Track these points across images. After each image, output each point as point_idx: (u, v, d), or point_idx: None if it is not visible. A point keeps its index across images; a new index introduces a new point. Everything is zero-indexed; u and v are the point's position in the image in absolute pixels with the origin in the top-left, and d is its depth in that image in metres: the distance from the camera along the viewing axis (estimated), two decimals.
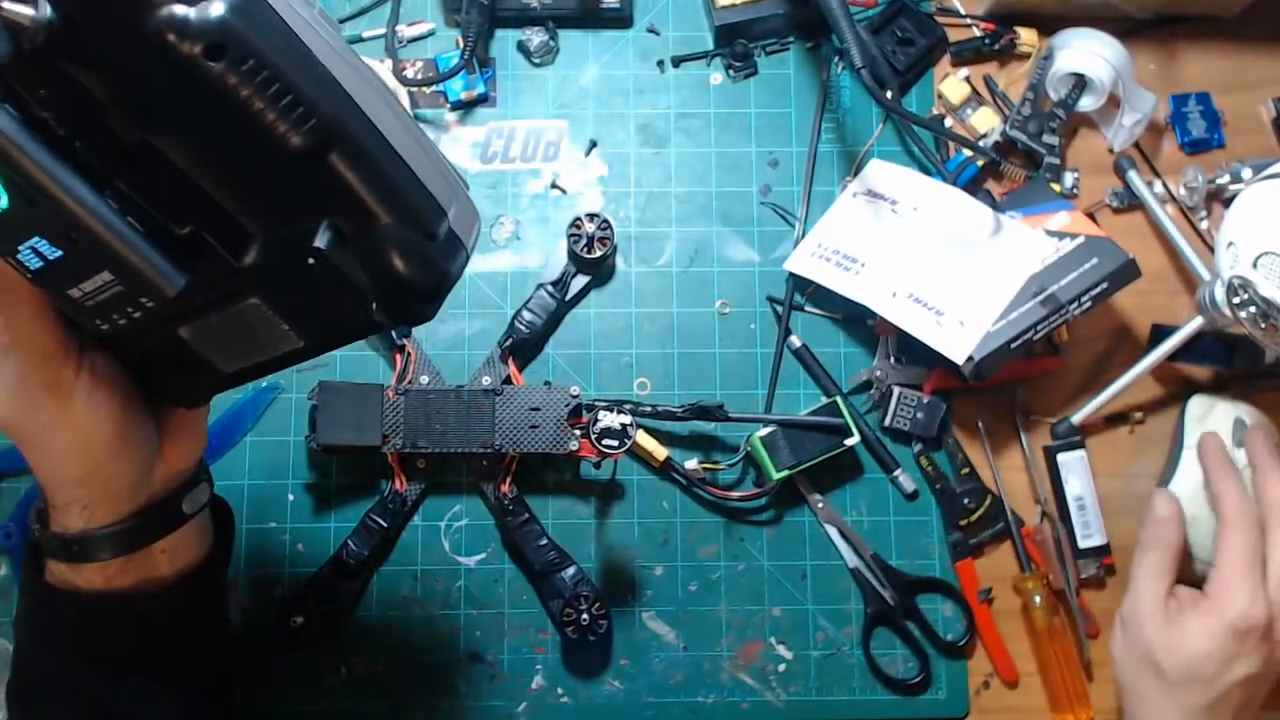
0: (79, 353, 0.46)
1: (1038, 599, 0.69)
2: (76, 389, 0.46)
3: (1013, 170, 0.75)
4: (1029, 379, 0.73)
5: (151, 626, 0.51)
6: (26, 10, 0.36)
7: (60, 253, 0.40)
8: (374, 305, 0.43)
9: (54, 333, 0.45)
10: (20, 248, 0.40)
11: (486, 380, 0.69)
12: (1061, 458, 0.71)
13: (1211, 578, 0.61)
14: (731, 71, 0.76)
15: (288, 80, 0.37)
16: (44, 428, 0.46)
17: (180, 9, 0.36)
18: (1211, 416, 0.69)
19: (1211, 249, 0.73)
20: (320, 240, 0.40)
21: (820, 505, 0.71)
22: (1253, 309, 0.61)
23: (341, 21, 0.75)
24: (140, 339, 0.46)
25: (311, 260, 0.40)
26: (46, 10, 0.37)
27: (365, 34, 0.75)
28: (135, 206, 0.40)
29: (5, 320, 0.45)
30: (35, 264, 0.40)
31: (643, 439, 0.70)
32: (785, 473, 0.68)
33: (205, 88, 0.37)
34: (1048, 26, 0.75)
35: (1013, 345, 0.67)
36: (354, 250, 0.41)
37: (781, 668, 0.70)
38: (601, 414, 0.64)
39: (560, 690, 0.69)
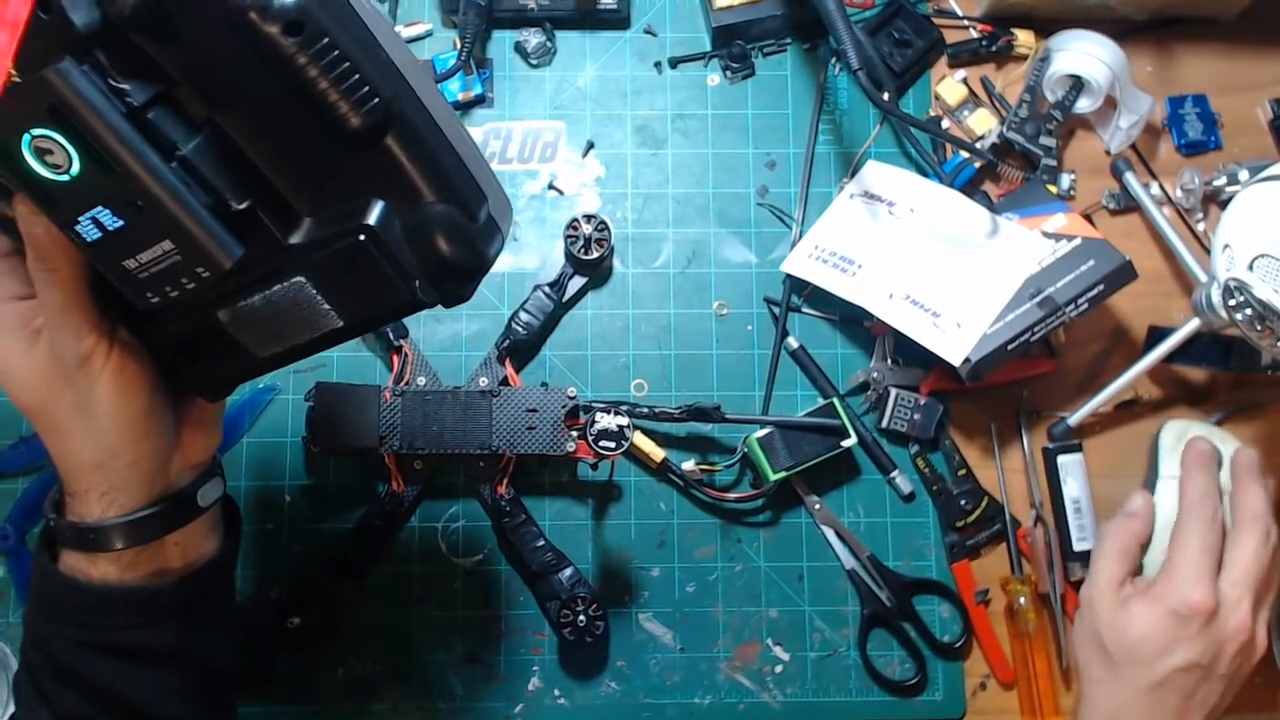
0: (110, 335, 0.47)
1: (1022, 600, 0.70)
2: (106, 371, 0.47)
3: (1010, 172, 0.75)
4: (1026, 381, 0.73)
5: (163, 619, 0.51)
6: None
7: (122, 222, 0.41)
8: (417, 283, 0.44)
9: (90, 313, 0.46)
10: (81, 218, 0.41)
11: (484, 382, 0.69)
12: (1061, 459, 0.71)
13: (1163, 565, 0.62)
14: (729, 73, 0.76)
15: (355, 62, 0.40)
16: (70, 410, 0.47)
17: None
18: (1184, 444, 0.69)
19: (1208, 251, 0.73)
20: (371, 217, 0.42)
21: (817, 507, 0.71)
22: (1249, 311, 0.61)
23: None
24: (178, 322, 0.47)
25: (362, 237, 0.42)
26: None
27: None
28: (197, 178, 0.42)
29: (44, 297, 0.46)
30: (94, 235, 0.41)
31: (640, 440, 0.70)
32: (782, 474, 0.68)
33: (277, 65, 0.39)
34: (1045, 28, 0.75)
35: (1009, 347, 0.67)
36: (401, 229, 0.43)
37: (778, 669, 0.70)
38: (599, 415, 0.64)
39: (557, 691, 0.69)
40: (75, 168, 0.40)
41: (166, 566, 0.51)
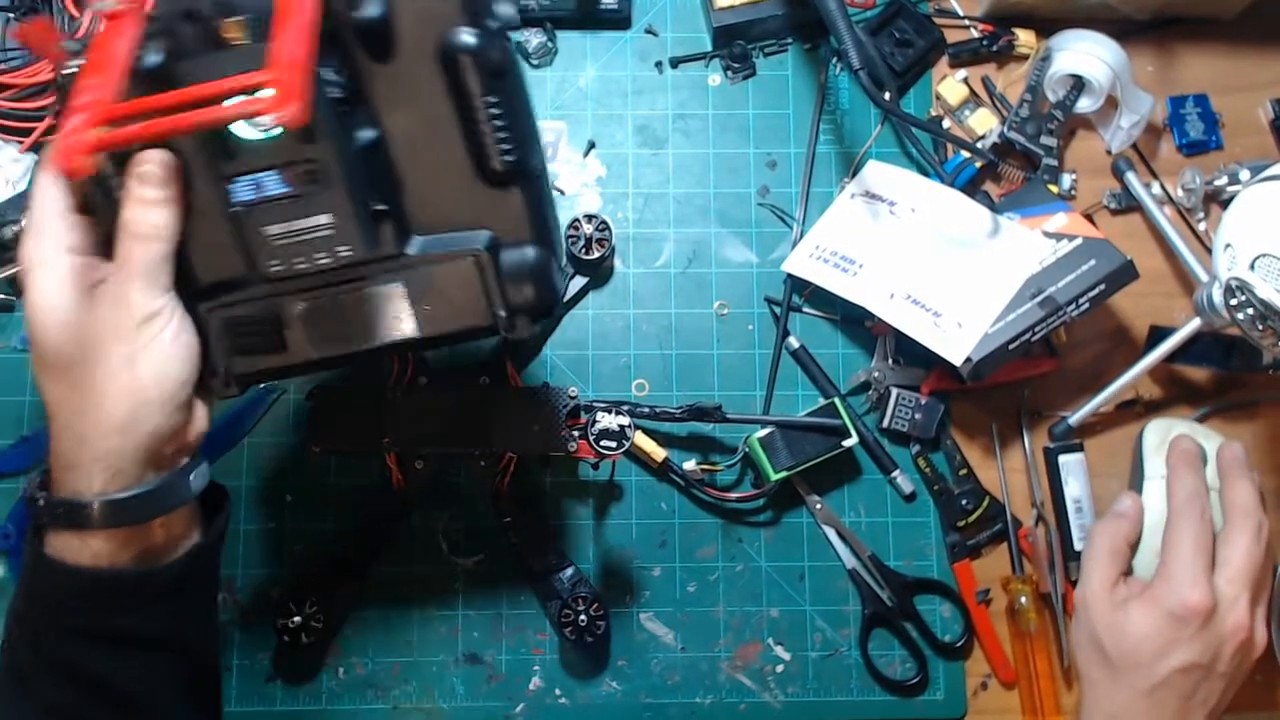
0: (176, 300, 0.49)
1: (1023, 600, 0.70)
2: (165, 333, 0.49)
3: (1011, 172, 0.75)
4: (1027, 381, 0.73)
5: (155, 602, 0.51)
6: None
7: (289, 189, 0.46)
8: (502, 312, 0.50)
9: (170, 275, 0.49)
10: (242, 178, 0.46)
11: (485, 381, 0.69)
12: (1062, 459, 0.71)
13: (1158, 566, 0.62)
14: (730, 73, 0.76)
15: (516, 118, 0.48)
16: (114, 366, 0.48)
17: (473, 37, 0.46)
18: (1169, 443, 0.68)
19: (1209, 250, 0.73)
20: (483, 243, 0.49)
21: (818, 506, 0.71)
22: (1250, 311, 0.61)
23: None
24: (239, 306, 0.50)
25: (472, 258, 0.49)
26: (377, 9, 0.46)
27: None
28: (363, 171, 0.47)
29: (137, 251, 0.48)
30: (246, 195, 0.46)
31: (641, 440, 0.70)
32: (783, 474, 0.68)
33: (463, 100, 0.47)
34: (1046, 28, 0.75)
35: (1011, 347, 0.67)
36: (502, 261, 0.49)
37: (779, 669, 0.70)
38: (600, 415, 0.64)
39: (558, 691, 0.69)
40: (276, 130, 0.44)
41: (152, 546, 0.51)
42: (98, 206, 0.49)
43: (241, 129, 0.44)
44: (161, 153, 0.47)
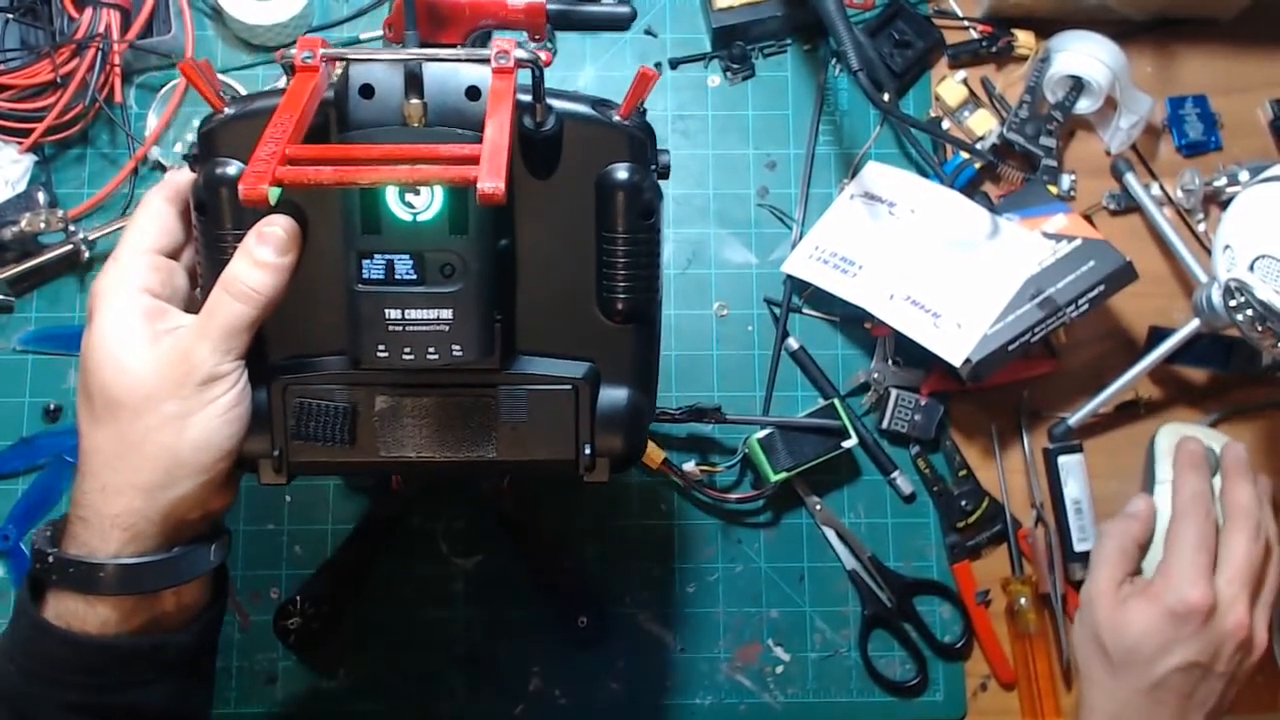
0: (242, 371, 0.46)
1: (1023, 601, 0.70)
2: (221, 400, 0.45)
3: (1010, 173, 0.75)
4: (1026, 381, 0.73)
5: (162, 675, 0.48)
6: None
7: (415, 278, 0.44)
8: (588, 448, 0.48)
9: (247, 343, 0.46)
10: (378, 257, 0.43)
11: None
12: (1062, 460, 0.71)
13: (1159, 566, 0.62)
14: (729, 74, 0.76)
15: (652, 261, 0.48)
16: (162, 420, 0.45)
17: (634, 174, 0.46)
18: None
19: (1209, 251, 0.73)
20: (580, 371, 0.48)
21: (818, 507, 0.71)
22: (1249, 312, 0.61)
23: (339, 23, 0.75)
24: (328, 389, 0.48)
25: (570, 388, 0.48)
26: (552, 127, 0.46)
27: (363, 35, 0.75)
28: (496, 276, 0.46)
29: (227, 311, 0.45)
30: (374, 274, 0.44)
31: None
32: (783, 475, 0.68)
33: (605, 234, 0.47)
34: (1045, 29, 0.75)
35: (1010, 348, 0.67)
36: (599, 398, 0.49)
37: (779, 669, 0.70)
38: None
39: (558, 692, 0.69)
40: (428, 216, 0.43)
41: (162, 615, 0.48)
42: (200, 257, 0.47)
43: (395, 207, 0.43)
44: (289, 219, 0.46)
